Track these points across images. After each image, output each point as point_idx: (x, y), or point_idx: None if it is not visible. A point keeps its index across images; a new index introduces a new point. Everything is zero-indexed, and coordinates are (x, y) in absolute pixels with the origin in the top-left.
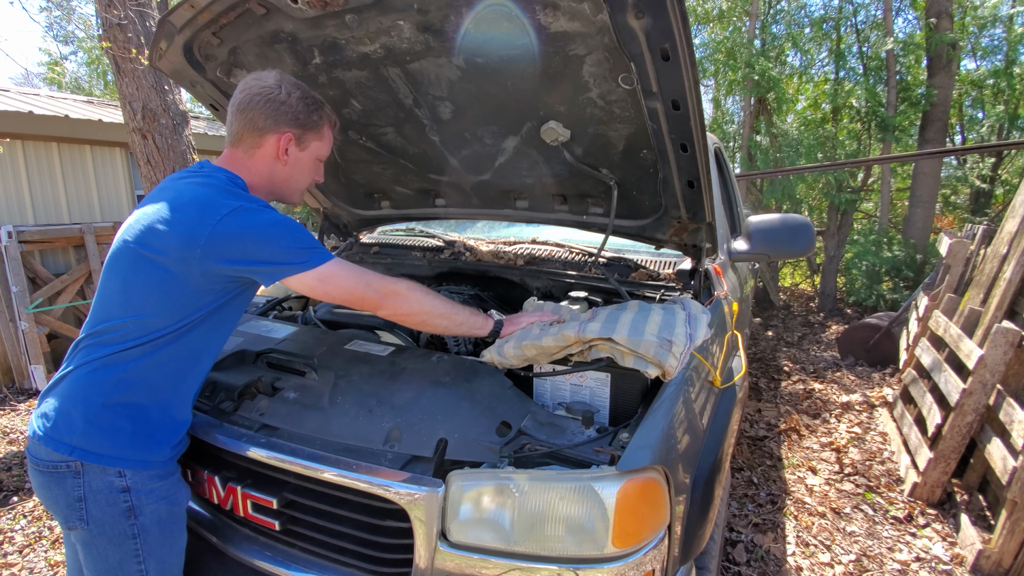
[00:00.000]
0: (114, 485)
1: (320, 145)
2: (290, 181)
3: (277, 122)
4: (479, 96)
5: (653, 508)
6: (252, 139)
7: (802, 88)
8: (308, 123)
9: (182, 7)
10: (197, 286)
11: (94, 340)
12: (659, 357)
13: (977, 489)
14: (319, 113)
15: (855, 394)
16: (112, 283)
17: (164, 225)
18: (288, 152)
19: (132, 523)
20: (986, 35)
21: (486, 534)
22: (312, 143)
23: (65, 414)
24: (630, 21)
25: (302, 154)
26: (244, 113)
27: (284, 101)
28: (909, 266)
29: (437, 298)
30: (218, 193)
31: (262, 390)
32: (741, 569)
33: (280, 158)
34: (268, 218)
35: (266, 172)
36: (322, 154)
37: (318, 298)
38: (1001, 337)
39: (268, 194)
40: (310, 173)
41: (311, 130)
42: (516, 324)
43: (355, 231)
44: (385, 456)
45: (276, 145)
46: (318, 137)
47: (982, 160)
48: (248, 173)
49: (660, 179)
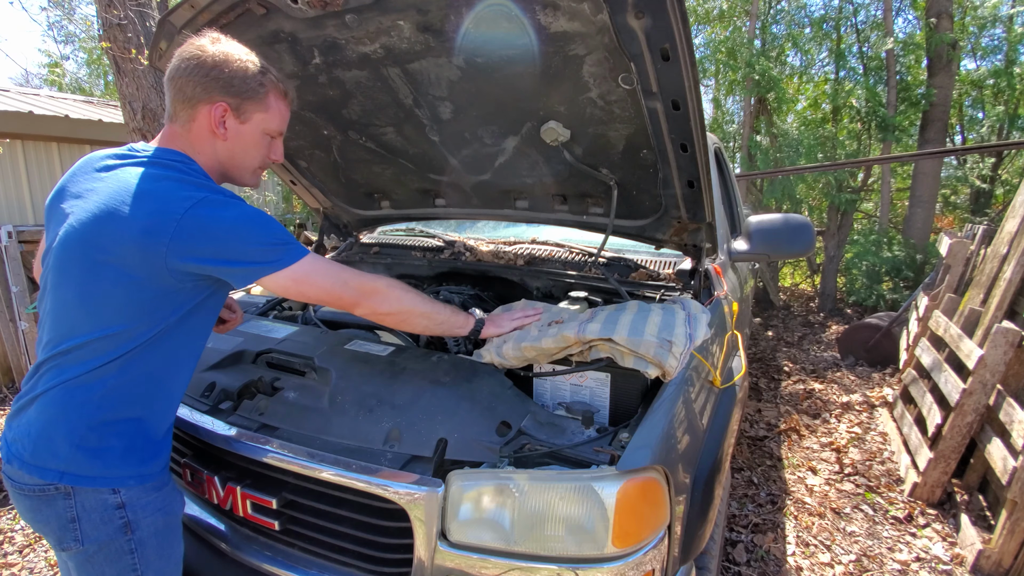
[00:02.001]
0: (108, 503)
1: (266, 118)
2: (235, 159)
3: (207, 90)
4: (479, 96)
5: (653, 508)
6: (185, 111)
7: (802, 88)
8: (245, 91)
9: (182, 7)
10: (167, 287)
11: (61, 360)
12: (659, 357)
13: (977, 489)
14: (258, 81)
15: (855, 394)
16: (67, 293)
17: (116, 223)
18: (226, 125)
19: (129, 538)
20: (986, 35)
21: (486, 534)
22: (255, 115)
23: (46, 440)
24: (630, 21)
25: (244, 127)
26: (174, 82)
27: (214, 66)
28: (909, 266)
29: (417, 296)
30: (176, 183)
31: (262, 390)
32: (741, 569)
33: (216, 132)
34: (237, 212)
35: (209, 150)
36: (271, 128)
37: (292, 298)
38: (1001, 337)
39: (218, 176)
40: (259, 150)
41: (250, 100)
42: (499, 323)
43: (355, 231)
44: (385, 456)
45: (209, 117)
46: (261, 108)
47: (982, 160)
48: (193, 151)
49: (660, 179)
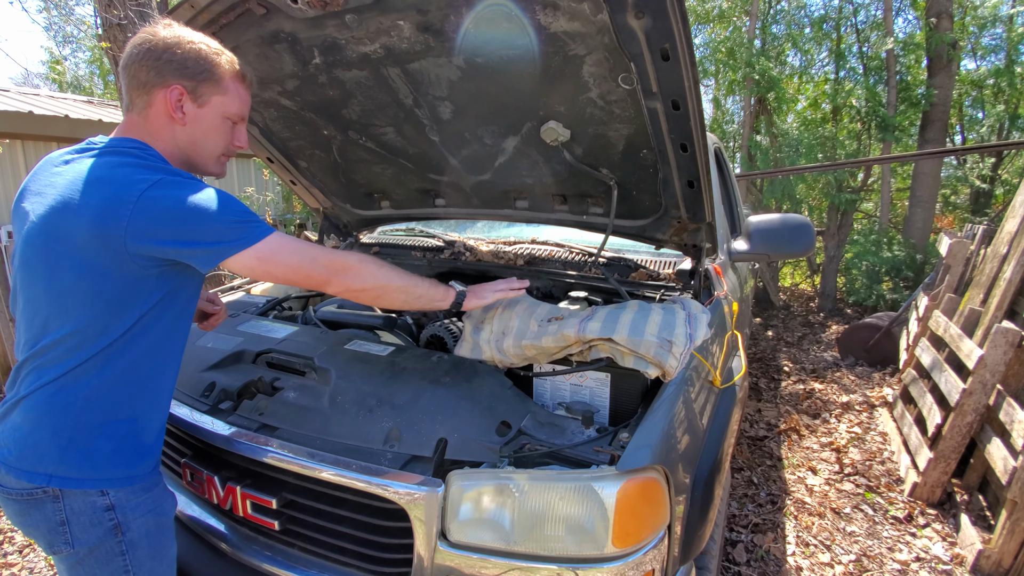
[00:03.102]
0: (97, 504)
1: (225, 101)
2: (195, 144)
3: (160, 74)
4: (479, 96)
5: (653, 508)
6: (141, 98)
7: (802, 88)
8: (200, 73)
9: (182, 7)
10: (131, 275)
11: (40, 361)
12: (659, 357)
13: (977, 489)
14: (213, 62)
15: (855, 394)
16: (36, 291)
17: (73, 212)
18: (184, 109)
19: (119, 540)
20: (986, 35)
21: (486, 534)
22: (213, 98)
23: (32, 444)
24: (630, 21)
25: (202, 111)
26: (127, 70)
27: (166, 49)
28: (909, 266)
29: (392, 270)
30: (131, 168)
31: (262, 390)
32: (741, 569)
33: (174, 116)
34: (195, 191)
35: (168, 135)
36: (230, 111)
37: (258, 278)
38: (1001, 337)
39: (181, 163)
40: (220, 134)
41: (207, 82)
42: (480, 295)
43: (355, 231)
44: (385, 456)
45: (165, 101)
46: (219, 91)
47: (982, 160)
48: (152, 138)
49: (660, 179)
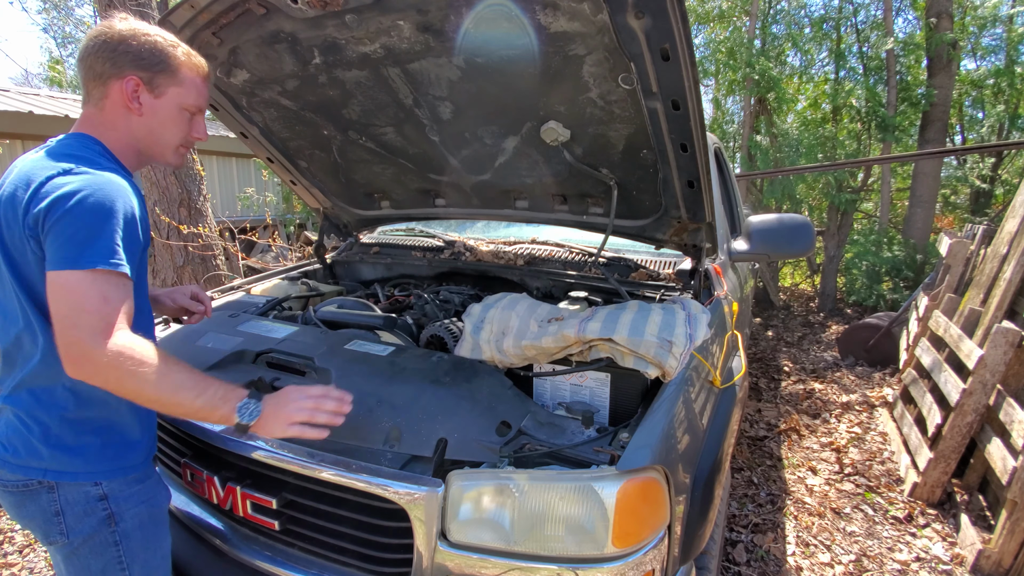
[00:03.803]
0: (91, 495)
1: (181, 92)
2: (152, 135)
3: (116, 65)
4: (479, 96)
5: (653, 508)
6: (97, 90)
7: (802, 88)
8: (156, 65)
9: (182, 7)
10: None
11: (12, 360)
12: (659, 357)
13: (977, 489)
14: (168, 53)
15: (855, 394)
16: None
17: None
18: (140, 100)
19: (113, 530)
20: (986, 35)
21: (486, 534)
22: (169, 89)
23: (24, 442)
24: (630, 21)
25: (158, 102)
26: (83, 62)
27: (121, 41)
28: (909, 266)
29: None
30: (45, 159)
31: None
32: (741, 569)
33: (131, 107)
34: (74, 193)
35: (123, 126)
36: (187, 102)
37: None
38: (1001, 337)
39: (137, 154)
40: (177, 126)
41: (163, 73)
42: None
43: (355, 231)
44: (385, 456)
45: (121, 92)
46: (175, 82)
47: (982, 160)
48: (105, 130)
49: (660, 179)
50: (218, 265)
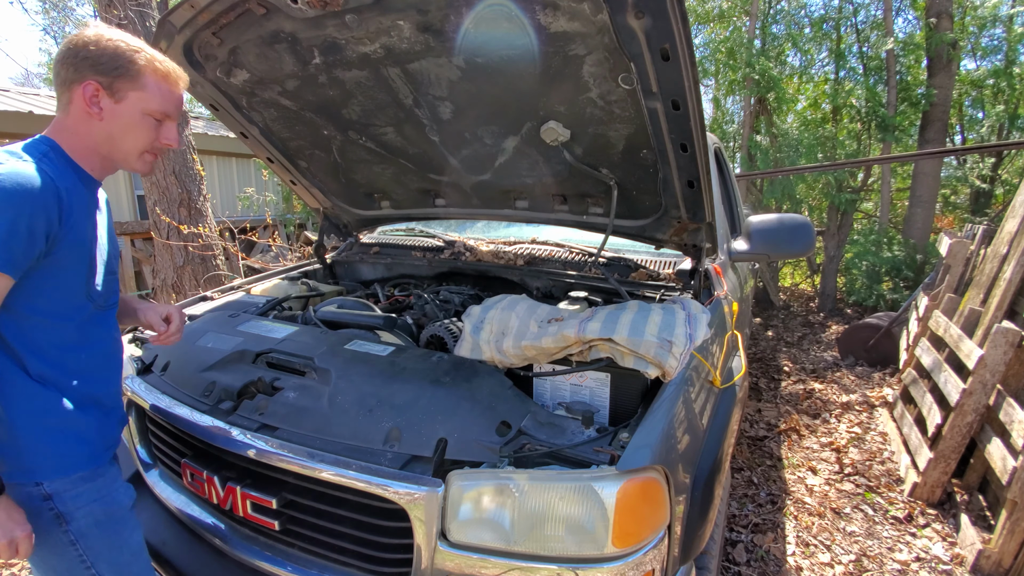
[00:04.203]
0: (33, 495)
1: (144, 97)
2: (113, 139)
3: (78, 70)
4: (479, 96)
5: (653, 508)
6: (63, 95)
7: (802, 88)
8: (115, 70)
9: (182, 7)
10: None
11: None
12: (659, 357)
13: (977, 489)
14: (128, 58)
15: (855, 394)
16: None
17: None
18: (101, 105)
19: (65, 530)
20: (986, 35)
21: (486, 534)
22: (130, 93)
23: None
24: (630, 21)
25: (119, 107)
26: (54, 70)
27: (84, 46)
28: (909, 266)
29: None
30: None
31: (262, 390)
32: (741, 569)
33: (91, 111)
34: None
35: (85, 131)
36: (150, 108)
37: None
38: (1001, 337)
39: (100, 159)
40: (141, 131)
41: (123, 78)
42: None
43: (355, 231)
44: (385, 456)
45: (82, 96)
46: (137, 87)
47: (982, 160)
48: (68, 136)
49: (660, 179)
50: (218, 265)
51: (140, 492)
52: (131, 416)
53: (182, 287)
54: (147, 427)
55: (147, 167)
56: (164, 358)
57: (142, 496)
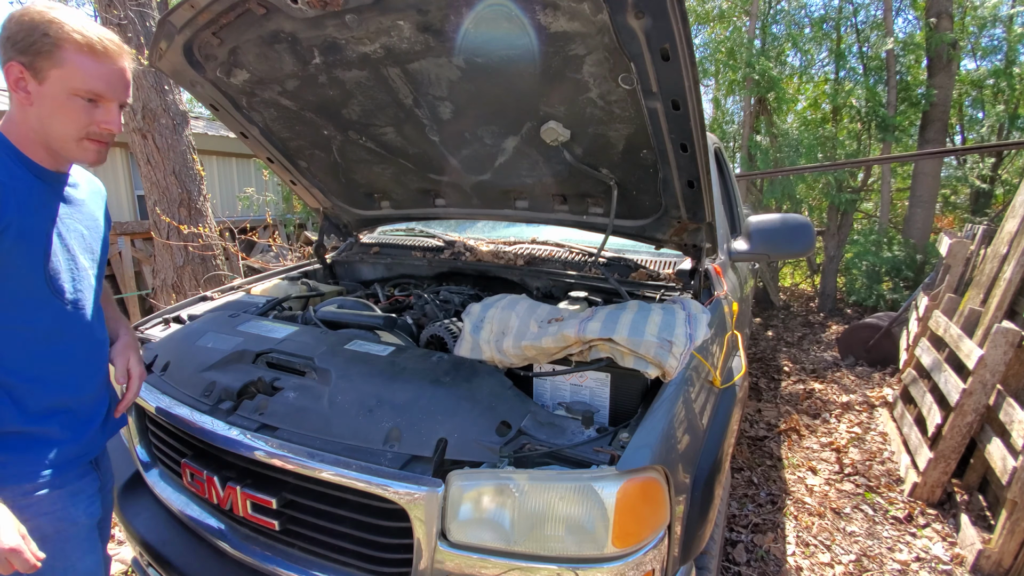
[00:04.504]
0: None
1: (64, 75)
2: (44, 124)
3: (5, 54)
4: (479, 96)
5: (653, 508)
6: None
7: (802, 88)
8: (31, 47)
9: (182, 7)
10: None
11: None
12: (659, 357)
13: (977, 489)
14: (42, 32)
15: (855, 394)
16: None
17: None
18: (28, 88)
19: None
20: (986, 35)
21: (486, 534)
22: (51, 72)
23: None
24: (630, 21)
25: (43, 88)
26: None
27: (6, 28)
28: (909, 266)
29: None
30: None
31: (261, 390)
32: (741, 569)
33: (19, 96)
34: None
35: (22, 119)
36: (75, 86)
37: None
38: (1001, 337)
39: (44, 148)
40: (70, 114)
41: (41, 56)
42: None
43: (355, 231)
44: (385, 456)
45: (8, 81)
46: (55, 64)
47: (982, 160)
48: (14, 125)
49: (660, 179)
50: (218, 265)
51: (140, 492)
52: (131, 416)
53: (182, 287)
54: (147, 427)
55: (92, 156)
56: (164, 358)
57: (142, 496)
